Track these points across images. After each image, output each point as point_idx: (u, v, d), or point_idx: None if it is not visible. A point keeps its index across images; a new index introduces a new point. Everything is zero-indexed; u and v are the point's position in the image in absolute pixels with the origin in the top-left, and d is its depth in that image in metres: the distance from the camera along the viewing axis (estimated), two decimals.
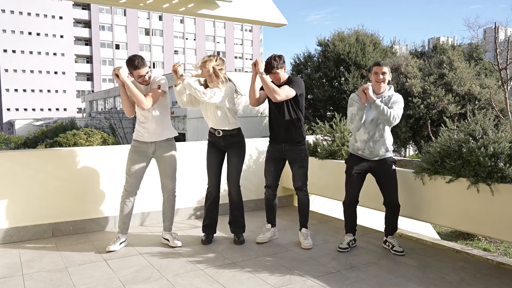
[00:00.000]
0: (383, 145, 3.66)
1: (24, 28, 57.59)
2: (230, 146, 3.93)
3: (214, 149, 3.98)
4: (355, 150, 3.77)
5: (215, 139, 3.94)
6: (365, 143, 3.67)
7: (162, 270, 3.33)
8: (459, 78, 19.05)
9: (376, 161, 3.70)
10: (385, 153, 3.69)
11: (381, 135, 3.64)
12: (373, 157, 3.69)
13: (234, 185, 3.97)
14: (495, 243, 8.84)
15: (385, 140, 3.67)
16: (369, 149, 3.67)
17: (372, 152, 3.67)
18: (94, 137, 23.36)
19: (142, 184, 4.45)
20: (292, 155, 3.89)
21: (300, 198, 3.96)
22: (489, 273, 3.30)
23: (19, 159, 4.10)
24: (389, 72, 3.63)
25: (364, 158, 3.71)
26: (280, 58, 3.81)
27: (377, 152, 3.67)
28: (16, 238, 4.06)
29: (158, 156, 3.89)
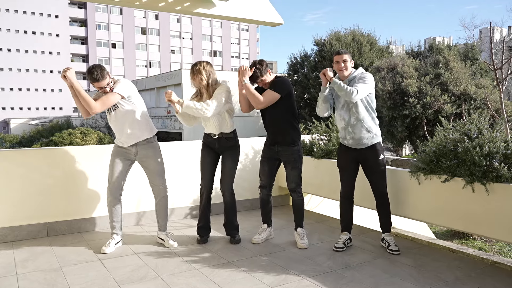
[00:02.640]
0: (362, 127, 3.62)
1: (19, 26, 57.31)
2: (225, 149, 3.93)
3: (208, 150, 3.96)
4: (342, 140, 3.83)
5: (210, 140, 3.93)
6: (344, 130, 3.71)
7: (157, 270, 3.32)
8: (455, 78, 19.11)
9: (363, 150, 3.69)
10: (369, 139, 3.64)
11: (356, 118, 3.62)
12: (359, 145, 3.68)
13: (228, 188, 3.95)
14: (490, 242, 8.88)
15: (363, 122, 3.62)
16: (349, 135, 3.67)
17: (354, 137, 3.65)
18: (90, 136, 23.29)
19: (137, 183, 4.45)
20: (285, 156, 3.87)
21: (294, 199, 3.95)
22: (484, 272, 3.31)
23: (14, 158, 4.08)
24: (350, 59, 3.69)
25: (352, 148, 3.72)
26: (262, 64, 3.77)
27: (358, 136, 3.63)
28: (11, 238, 4.03)
29: (141, 158, 3.85)
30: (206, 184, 3.97)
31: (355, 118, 3.62)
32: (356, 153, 3.73)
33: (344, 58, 3.65)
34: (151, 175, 3.90)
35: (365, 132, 3.64)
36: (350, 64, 3.68)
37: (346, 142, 3.74)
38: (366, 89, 3.55)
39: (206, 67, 3.79)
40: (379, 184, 3.71)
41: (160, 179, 3.90)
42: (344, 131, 3.72)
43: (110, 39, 62.24)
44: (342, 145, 3.83)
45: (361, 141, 3.66)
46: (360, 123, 3.62)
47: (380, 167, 3.69)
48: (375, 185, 3.73)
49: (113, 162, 3.83)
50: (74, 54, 62.11)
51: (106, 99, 3.62)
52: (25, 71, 58.38)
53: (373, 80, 3.66)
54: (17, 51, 57.55)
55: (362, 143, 3.66)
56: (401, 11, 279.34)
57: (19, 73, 58.02)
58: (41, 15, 58.54)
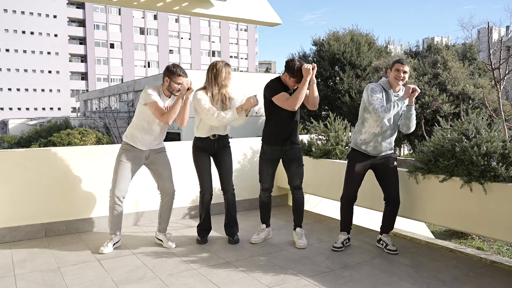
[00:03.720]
0: (390, 143, 3.71)
1: (18, 26, 57.20)
2: (221, 148, 3.95)
3: (204, 153, 3.94)
4: (357, 144, 3.73)
5: (208, 142, 3.90)
6: (374, 136, 3.65)
7: (155, 270, 3.31)
8: (453, 78, 19.14)
9: (379, 158, 3.71)
10: (387, 151, 3.71)
11: (391, 134, 3.67)
12: (376, 154, 3.69)
13: (230, 186, 3.97)
14: (488, 242, 8.89)
15: (392, 138, 3.71)
16: (375, 143, 3.65)
17: (376, 147, 3.66)
18: (89, 136, 23.24)
19: (136, 184, 4.44)
20: (292, 154, 3.87)
21: (297, 197, 3.93)
22: (482, 271, 3.32)
23: (12, 159, 4.07)
24: (409, 72, 3.65)
25: (367, 155, 3.71)
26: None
27: (381, 148, 3.67)
28: (9, 238, 4.02)
29: (153, 161, 3.86)
30: (208, 188, 3.94)
31: (391, 133, 3.67)
32: (371, 160, 3.72)
33: (406, 70, 3.59)
34: (161, 178, 3.89)
35: (388, 145, 3.70)
36: (407, 76, 3.64)
37: (365, 148, 3.69)
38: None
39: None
40: (392, 189, 3.71)
41: (170, 183, 3.92)
42: (372, 137, 3.65)
43: (108, 39, 62.15)
44: (356, 151, 3.76)
45: (380, 151, 3.69)
46: (391, 138, 3.69)
47: (394, 172, 3.72)
48: (387, 190, 3.72)
49: (123, 165, 3.74)
50: (73, 54, 62.00)
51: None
52: (24, 71, 58.27)
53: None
54: (16, 51, 57.44)
55: (380, 152, 3.70)
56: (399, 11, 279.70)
57: (17, 73, 57.90)
58: (39, 15, 58.42)
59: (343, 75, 23.29)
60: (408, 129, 3.64)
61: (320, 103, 24.39)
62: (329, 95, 23.87)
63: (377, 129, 3.63)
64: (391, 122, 3.65)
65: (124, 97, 33.99)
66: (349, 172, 3.76)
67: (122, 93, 33.99)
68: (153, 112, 3.65)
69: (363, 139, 3.69)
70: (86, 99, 46.74)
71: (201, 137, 3.91)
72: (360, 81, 22.68)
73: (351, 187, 3.76)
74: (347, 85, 22.61)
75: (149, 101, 3.64)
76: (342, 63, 24.24)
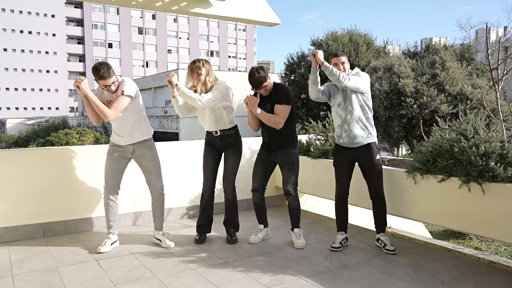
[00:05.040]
0: (358, 123, 3.65)
1: (16, 26, 57.10)
2: (227, 147, 3.93)
3: (211, 148, 3.96)
4: (337, 139, 3.82)
5: (212, 138, 3.93)
6: (340, 128, 3.73)
7: (154, 270, 3.31)
8: (451, 78, 19.17)
9: (359, 148, 3.69)
10: (364, 137, 3.66)
11: (352, 116, 3.65)
12: (354, 144, 3.68)
13: (230, 185, 3.96)
14: (486, 242, 8.91)
15: (358, 120, 3.65)
16: (345, 132, 3.69)
17: (349, 135, 3.66)
18: (87, 136, 23.19)
19: (133, 183, 4.44)
20: (281, 158, 3.86)
21: (290, 203, 3.92)
22: (480, 271, 3.32)
23: (9, 158, 4.06)
24: (347, 61, 3.75)
25: (348, 147, 3.73)
26: (264, 70, 3.73)
27: (354, 134, 3.65)
28: (6, 238, 4.01)
29: (138, 156, 3.85)
30: (208, 183, 3.97)
31: (351, 116, 3.65)
32: (351, 153, 3.73)
33: (342, 60, 3.71)
34: (148, 173, 3.89)
35: (360, 130, 3.66)
36: (347, 66, 3.73)
37: (342, 141, 3.75)
38: (358, 81, 3.62)
39: (206, 65, 3.79)
40: (376, 184, 3.71)
41: (157, 177, 3.90)
42: (340, 128, 3.74)
43: (106, 38, 62.09)
44: (338, 145, 3.83)
45: (356, 139, 3.67)
46: (355, 120, 3.66)
47: (376, 167, 3.70)
48: (371, 185, 3.73)
49: (110, 161, 3.81)
50: (71, 54, 61.93)
51: (118, 104, 3.58)
52: (21, 70, 58.17)
53: (368, 78, 3.72)
54: (13, 51, 57.33)
55: (357, 141, 3.67)
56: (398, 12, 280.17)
57: (15, 72, 57.79)
58: (37, 14, 58.33)
59: None
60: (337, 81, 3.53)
61: (318, 103, 24.47)
62: None
63: (338, 120, 3.73)
64: (340, 108, 3.68)
65: None
66: (335, 167, 3.85)
67: None
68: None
69: (336, 134, 3.82)
70: None
71: (208, 131, 3.97)
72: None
73: (340, 182, 3.81)
74: None
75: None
76: None
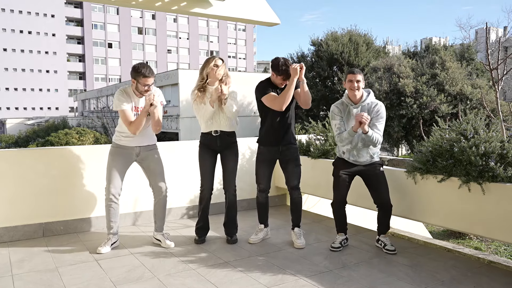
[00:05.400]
0: (367, 153, 3.69)
1: (15, 26, 57.07)
2: (226, 147, 3.92)
3: (208, 150, 3.94)
4: (341, 155, 3.80)
5: (210, 138, 3.89)
6: (349, 152, 3.71)
7: (154, 270, 3.31)
8: (451, 78, 19.19)
9: (362, 164, 3.72)
10: (371, 159, 3.71)
11: (364, 144, 3.65)
12: (359, 163, 3.71)
13: (232, 186, 3.96)
14: (486, 242, 8.91)
15: (368, 149, 3.68)
16: (353, 157, 3.71)
17: (357, 158, 3.70)
18: (86, 136, 23.17)
19: (134, 184, 4.44)
20: (288, 154, 3.87)
21: (294, 197, 3.93)
22: (480, 271, 3.32)
23: (9, 158, 4.06)
24: (363, 79, 3.65)
25: (351, 163, 3.74)
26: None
27: (361, 159, 3.70)
28: (6, 238, 4.01)
29: (144, 159, 3.85)
30: (208, 185, 3.95)
31: (363, 144, 3.64)
32: (356, 167, 3.73)
33: (358, 78, 3.60)
34: (152, 176, 3.89)
35: (368, 156, 3.70)
36: (362, 85, 3.65)
37: (346, 159, 3.74)
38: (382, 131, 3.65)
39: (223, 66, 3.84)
40: (383, 196, 3.70)
41: (161, 180, 3.91)
42: (348, 153, 3.71)
43: (106, 38, 62.07)
44: (341, 159, 3.79)
45: (362, 161, 3.70)
46: (366, 149, 3.67)
47: (381, 178, 3.71)
48: (378, 197, 3.72)
49: (114, 162, 3.78)
50: (70, 53, 61.91)
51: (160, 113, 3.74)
52: (21, 70, 58.14)
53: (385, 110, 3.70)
54: (13, 51, 57.30)
55: (363, 162, 3.70)
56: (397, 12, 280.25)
57: (15, 72, 57.77)
58: (37, 14, 58.30)
59: (341, 75, 23.32)
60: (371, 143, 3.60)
61: (318, 103, 24.56)
62: (327, 95, 23.90)
63: (348, 146, 3.68)
64: (357, 137, 3.61)
65: None
66: (335, 179, 3.79)
67: None
68: (122, 120, 3.69)
69: (343, 151, 3.77)
70: (84, 99, 46.68)
71: (204, 133, 3.93)
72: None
73: (338, 193, 3.77)
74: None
75: (117, 108, 3.68)
76: (340, 63, 24.28)
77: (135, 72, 3.63)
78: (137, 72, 3.61)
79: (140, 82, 3.63)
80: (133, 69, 3.64)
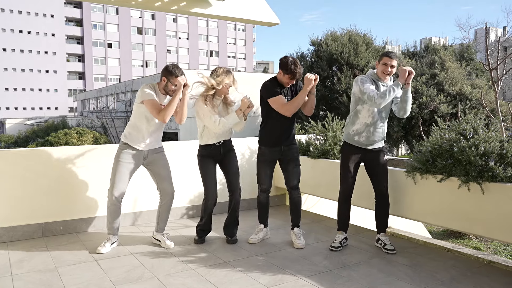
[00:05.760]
0: (382, 133, 3.71)
1: (15, 26, 57.02)
2: (227, 152, 3.95)
3: (210, 160, 3.91)
4: (350, 136, 3.74)
5: (214, 148, 3.87)
6: (366, 127, 3.65)
7: (153, 270, 3.31)
8: (450, 78, 19.20)
9: (370, 150, 3.71)
10: (379, 143, 3.72)
11: (383, 123, 3.68)
12: (368, 145, 3.69)
13: (237, 188, 3.98)
14: (485, 242, 8.92)
15: (384, 128, 3.72)
16: (367, 133, 3.65)
17: (369, 137, 3.66)
18: (86, 136, 23.17)
19: (134, 184, 4.43)
20: (290, 155, 3.88)
21: (294, 196, 3.94)
22: (480, 271, 3.33)
23: (8, 158, 4.05)
24: (397, 66, 3.60)
25: (359, 147, 3.71)
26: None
27: (373, 138, 3.67)
28: (6, 238, 4.01)
29: (152, 162, 3.85)
30: (213, 195, 3.93)
31: (382, 123, 3.66)
32: (362, 153, 3.73)
33: (393, 64, 3.56)
34: (160, 179, 3.88)
35: (381, 135, 3.71)
36: (395, 70, 3.61)
37: (357, 139, 3.69)
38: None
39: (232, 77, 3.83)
40: (382, 184, 3.73)
41: (169, 183, 3.91)
42: (365, 127, 3.65)
43: (106, 38, 62.03)
44: (348, 145, 3.77)
45: (373, 142, 3.70)
46: (383, 128, 3.70)
47: (384, 167, 3.74)
48: (378, 184, 3.74)
49: (122, 165, 3.71)
50: (70, 53, 61.86)
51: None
52: (21, 70, 58.09)
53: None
54: (13, 51, 57.26)
55: (373, 144, 3.70)
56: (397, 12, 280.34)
57: (14, 72, 57.72)
58: (36, 14, 58.25)
59: (340, 75, 23.31)
60: (405, 112, 3.60)
61: (317, 103, 24.50)
62: (327, 95, 23.89)
63: (369, 119, 3.64)
64: (382, 112, 3.65)
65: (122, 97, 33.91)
66: (343, 165, 3.78)
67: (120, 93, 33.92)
68: (150, 110, 3.63)
69: (355, 130, 3.70)
70: (84, 99, 46.65)
71: (206, 144, 3.87)
72: None
73: (346, 181, 3.76)
74: (345, 85, 22.64)
75: (146, 98, 3.62)
76: (339, 63, 24.27)
77: (167, 71, 3.66)
78: (170, 72, 3.64)
79: (171, 81, 3.65)
80: (166, 69, 3.68)
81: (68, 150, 4.33)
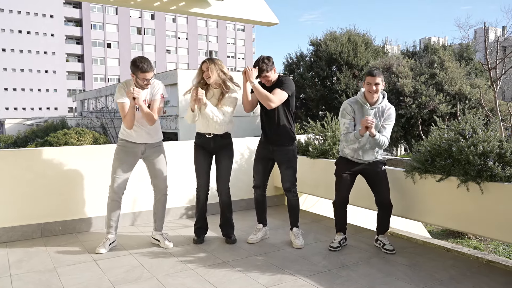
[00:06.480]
0: (372, 154, 3.71)
1: (14, 26, 56.99)
2: (220, 148, 3.90)
3: (203, 151, 3.92)
4: (345, 154, 3.79)
5: (204, 140, 3.88)
6: (355, 152, 3.70)
7: (152, 270, 3.30)
8: (449, 78, 19.21)
9: (366, 163, 3.72)
10: (374, 158, 3.73)
11: (371, 146, 3.66)
12: (363, 161, 3.72)
13: (225, 188, 3.94)
14: (485, 242, 8.93)
15: (374, 151, 3.70)
16: (357, 156, 3.70)
17: (362, 158, 3.70)
18: (85, 136, 23.15)
19: (133, 184, 4.42)
20: (279, 156, 3.86)
21: (289, 199, 3.93)
22: (479, 271, 3.33)
23: (7, 158, 4.05)
24: (382, 82, 3.58)
25: (354, 161, 3.74)
26: (269, 60, 3.73)
27: (365, 158, 3.71)
28: (5, 239, 4.00)
29: (148, 156, 3.85)
30: (203, 185, 3.94)
31: (370, 146, 3.65)
32: (358, 166, 3.73)
33: (377, 81, 3.53)
34: (155, 175, 3.88)
35: (372, 155, 3.71)
36: (382, 87, 3.58)
37: (350, 157, 3.73)
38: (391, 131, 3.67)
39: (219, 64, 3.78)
40: (382, 195, 3.71)
41: (163, 179, 3.90)
42: (354, 152, 3.70)
43: (105, 39, 62.01)
44: (344, 158, 3.80)
45: (366, 160, 3.71)
46: (372, 150, 3.69)
47: (383, 177, 3.72)
48: (378, 196, 3.72)
49: (120, 161, 3.74)
50: (69, 54, 61.84)
51: (159, 107, 3.74)
52: (20, 71, 58.06)
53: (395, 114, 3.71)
54: (12, 51, 57.23)
55: (366, 161, 3.71)
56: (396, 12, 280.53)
57: (14, 73, 57.69)
58: (36, 14, 58.22)
59: (340, 75, 23.33)
60: (377, 146, 3.61)
61: (317, 103, 24.54)
62: (326, 95, 23.90)
63: (355, 145, 3.66)
64: (366, 138, 3.60)
65: None
66: (338, 178, 3.79)
67: None
68: (120, 113, 3.71)
69: (347, 153, 3.76)
70: (83, 99, 46.61)
71: (199, 133, 3.91)
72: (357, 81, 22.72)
73: (340, 193, 3.77)
74: (344, 85, 22.65)
75: (116, 99, 3.69)
76: (339, 63, 24.29)
77: (133, 66, 3.61)
78: (135, 66, 3.60)
79: (139, 76, 3.61)
80: (132, 63, 3.62)
81: (67, 150, 4.33)
